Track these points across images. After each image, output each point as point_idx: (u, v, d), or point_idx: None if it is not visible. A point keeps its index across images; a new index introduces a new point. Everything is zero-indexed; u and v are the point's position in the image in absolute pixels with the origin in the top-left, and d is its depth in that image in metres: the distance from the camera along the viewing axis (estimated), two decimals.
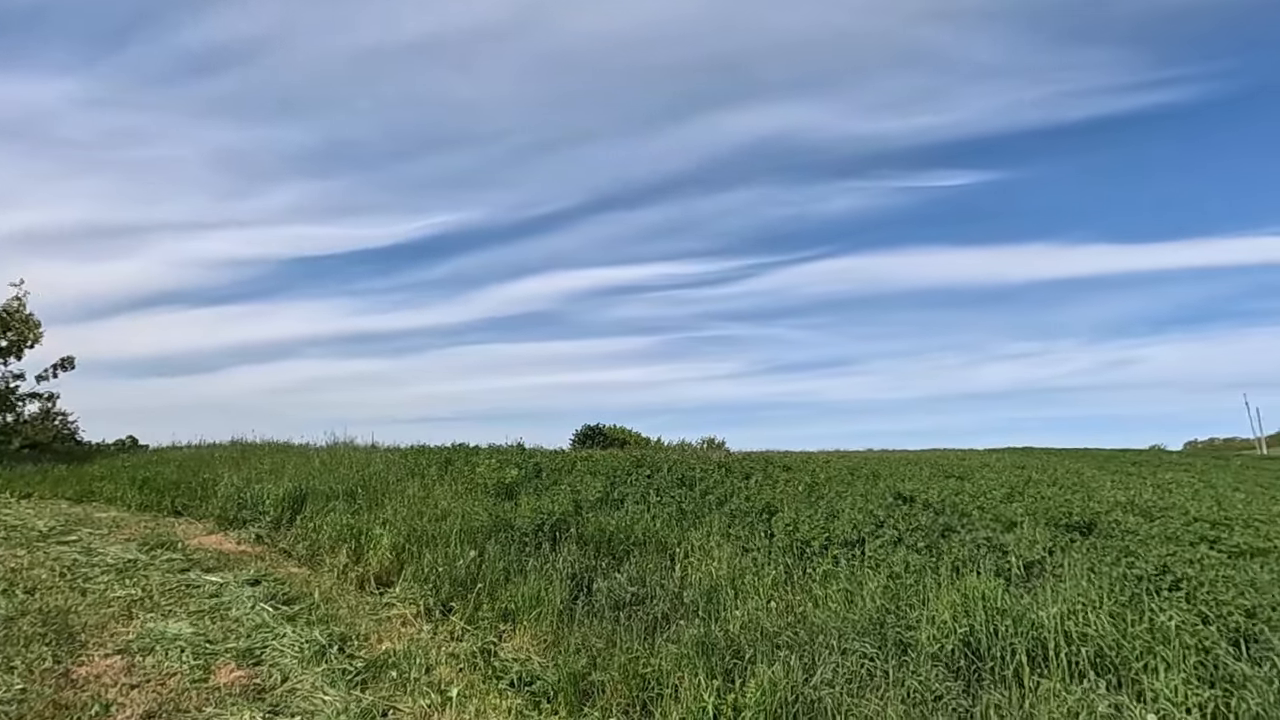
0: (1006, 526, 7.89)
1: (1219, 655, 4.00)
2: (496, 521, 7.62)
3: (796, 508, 7.98)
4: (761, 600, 5.65)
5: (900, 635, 4.65)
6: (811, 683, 4.39)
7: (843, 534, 6.79)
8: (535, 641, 5.67)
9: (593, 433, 30.88)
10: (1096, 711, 3.74)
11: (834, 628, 4.88)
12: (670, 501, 8.34)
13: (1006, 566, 5.93)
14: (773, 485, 9.73)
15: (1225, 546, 7.64)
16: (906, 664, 4.34)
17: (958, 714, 3.96)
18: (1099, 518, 8.83)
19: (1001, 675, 4.29)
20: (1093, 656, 4.25)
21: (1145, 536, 7.82)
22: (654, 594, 6.05)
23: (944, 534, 6.95)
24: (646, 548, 7.01)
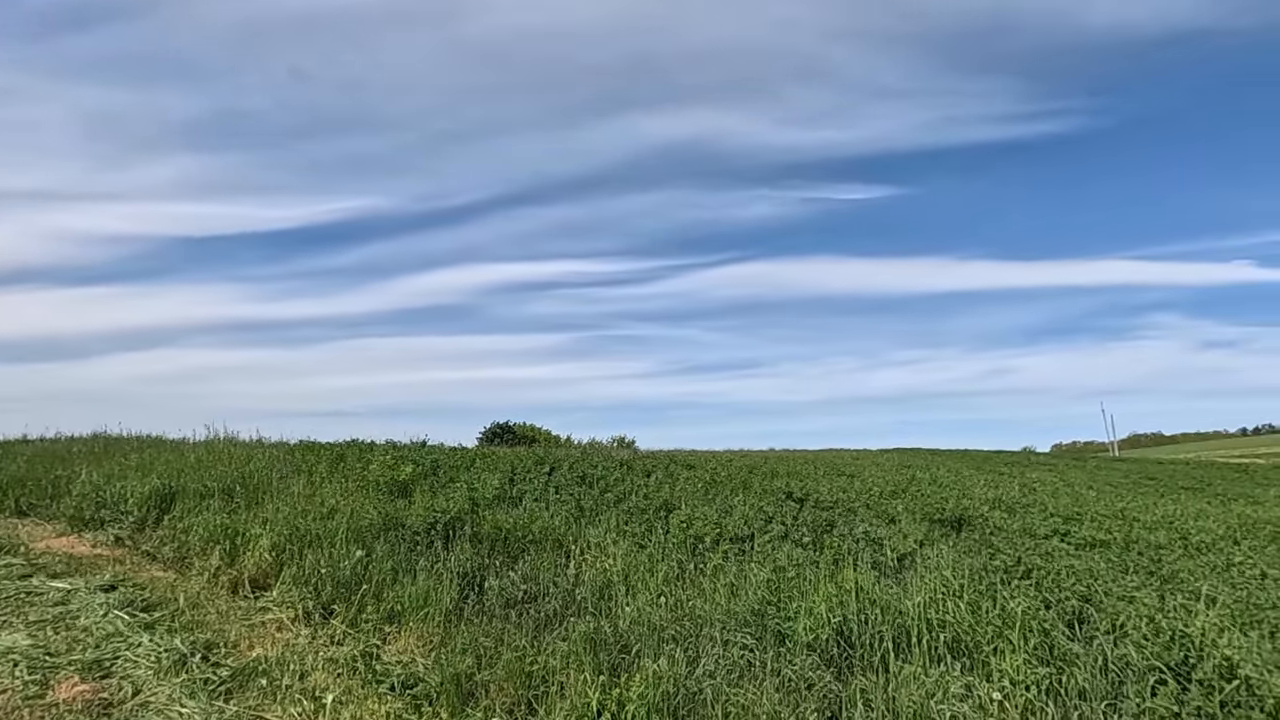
0: (887, 521, 8.39)
1: (1056, 637, 4.41)
2: (387, 520, 7.35)
3: (693, 505, 8.15)
4: (652, 596, 5.73)
5: (779, 626, 4.84)
6: (695, 675, 4.51)
7: (734, 530, 7.00)
8: (421, 643, 5.51)
9: (501, 430, 30.37)
10: (950, 692, 4.03)
11: (718, 620, 5.02)
12: (570, 499, 8.32)
13: (882, 559, 6.30)
14: (672, 483, 9.90)
15: (1074, 539, 8.45)
16: (783, 654, 4.53)
17: (827, 700, 4.16)
18: (969, 513, 9.55)
19: (870, 662, 4.55)
20: (950, 641, 4.58)
21: (1007, 531, 8.52)
22: (547, 591, 6.02)
23: (827, 529, 7.30)
24: (543, 545, 6.96)
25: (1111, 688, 3.92)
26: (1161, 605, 4.82)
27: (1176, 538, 9.10)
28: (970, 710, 3.90)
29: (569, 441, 30.22)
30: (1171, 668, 3.97)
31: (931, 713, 3.84)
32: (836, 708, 4.13)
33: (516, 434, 29.85)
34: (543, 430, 32.87)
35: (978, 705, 3.93)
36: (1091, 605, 4.91)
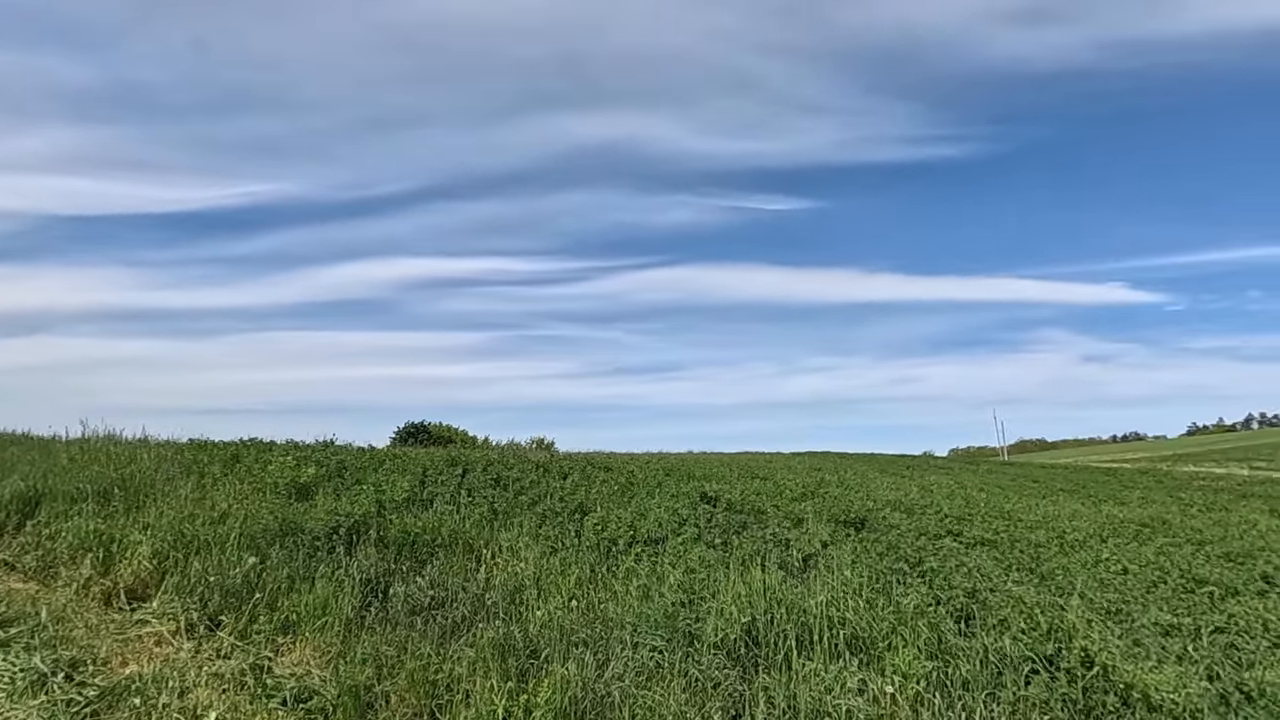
0: (795, 523, 8.67)
1: (944, 631, 4.68)
2: (285, 524, 6.96)
3: (608, 507, 8.16)
4: (564, 599, 5.69)
5: (689, 627, 4.91)
6: (604, 678, 4.51)
7: (648, 532, 7.05)
8: (318, 654, 5.25)
9: (416, 430, 29.43)
10: (846, 686, 4.20)
11: (629, 623, 5.04)
12: (483, 502, 8.14)
13: (789, 560, 6.51)
14: (589, 485, 9.87)
15: (964, 539, 9.00)
16: (691, 654, 4.59)
17: (732, 698, 4.25)
18: (871, 514, 10.01)
19: (775, 660, 4.68)
20: (849, 638, 4.78)
21: (905, 530, 8.98)
22: (455, 597, 5.87)
23: (739, 530, 7.47)
24: (453, 549, 6.78)
25: (992, 678, 4.20)
26: (1038, 600, 5.21)
27: (1054, 536, 9.85)
28: (864, 704, 4.08)
29: (487, 443, 29.57)
30: (1044, 659, 4.29)
31: (828, 707, 3.99)
32: (741, 706, 4.22)
33: (432, 434, 28.98)
34: (460, 431, 32.04)
35: (871, 699, 4.12)
36: (977, 601, 5.24)
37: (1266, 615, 5.57)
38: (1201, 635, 5.13)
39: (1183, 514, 17.45)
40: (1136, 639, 4.98)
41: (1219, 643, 5.04)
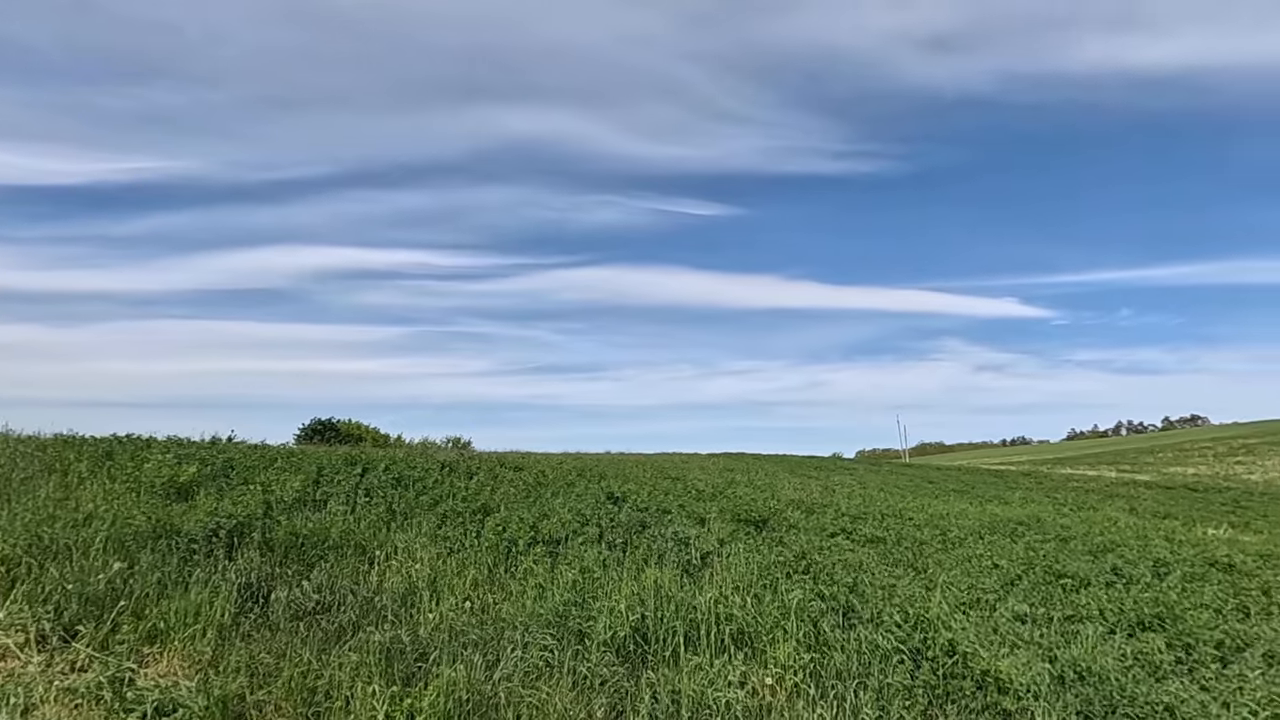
0: (699, 522, 8.87)
1: (823, 625, 4.92)
2: (159, 527, 6.52)
3: (512, 508, 8.09)
4: (459, 600, 5.61)
5: (580, 626, 4.94)
6: (493, 679, 4.48)
7: (549, 532, 7.04)
8: (188, 664, 4.95)
9: (323, 427, 28.17)
10: (728, 679, 4.35)
11: (521, 623, 5.02)
12: (381, 502, 7.89)
13: (687, 558, 6.65)
14: (495, 485, 9.74)
15: (856, 536, 9.45)
16: (581, 653, 4.63)
17: (618, 694, 4.32)
18: (773, 514, 10.36)
19: (663, 655, 4.79)
20: (735, 633, 4.95)
21: (802, 529, 9.35)
22: (343, 601, 5.67)
23: (640, 530, 7.57)
24: (344, 551, 6.54)
25: (863, 668, 4.45)
26: (910, 595, 5.56)
27: (938, 534, 10.50)
28: (744, 696, 4.23)
29: (399, 441, 28.62)
30: (911, 649, 4.58)
31: (709, 700, 4.11)
32: (627, 701, 4.29)
33: (341, 432, 27.79)
34: (371, 429, 30.88)
35: (751, 691, 4.28)
36: (856, 595, 5.53)
37: (1106, 604, 6.16)
38: (1052, 623, 5.61)
39: (1056, 512, 18.97)
40: (996, 627, 5.40)
41: (1066, 629, 5.54)
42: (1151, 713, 3.81)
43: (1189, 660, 4.96)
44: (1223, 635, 5.46)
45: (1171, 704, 3.85)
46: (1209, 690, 4.26)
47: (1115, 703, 3.92)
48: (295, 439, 26.22)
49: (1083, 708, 3.90)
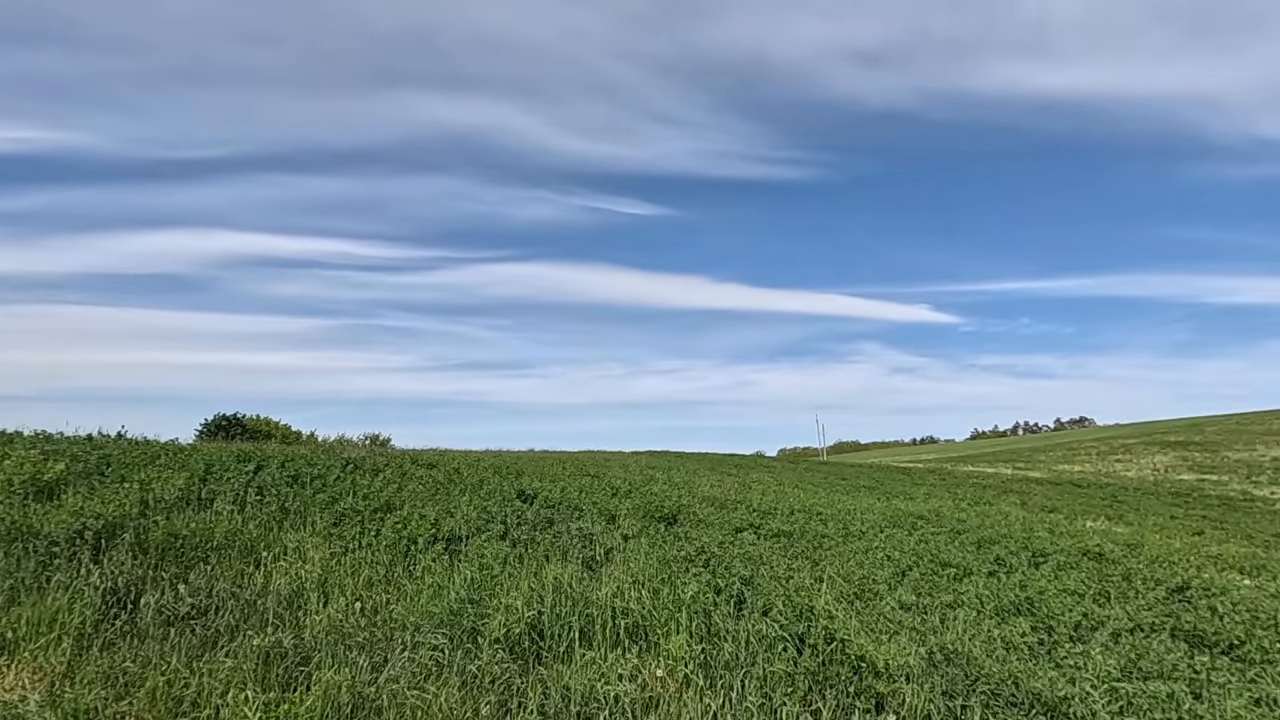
0: (609, 519, 8.90)
1: (715, 616, 5.02)
2: (15, 528, 5.99)
3: (416, 505, 7.87)
4: (349, 601, 5.41)
5: (474, 624, 4.86)
6: (379, 681, 4.35)
7: (452, 530, 6.90)
8: (39, 676, 4.56)
9: (228, 423, 26.63)
10: (621, 673, 4.38)
11: (413, 622, 4.90)
12: (274, 500, 7.51)
13: (591, 554, 6.66)
14: (401, 483, 9.46)
15: (763, 531, 9.71)
16: (472, 651, 4.55)
17: (509, 691, 4.27)
18: (685, 510, 10.51)
19: (558, 651, 4.77)
20: (631, 626, 4.99)
21: (711, 524, 9.53)
22: (223, 605, 5.37)
23: (546, 526, 7.53)
24: (228, 553, 6.19)
25: (750, 657, 4.57)
26: (799, 585, 5.76)
27: (841, 528, 10.93)
28: (634, 688, 4.27)
29: (311, 439, 27.36)
30: (796, 637, 4.75)
31: (599, 694, 4.13)
32: (517, 698, 4.25)
33: (247, 429, 26.31)
34: (281, 425, 29.40)
35: (641, 684, 4.32)
36: (751, 587, 5.69)
37: (984, 592, 6.58)
38: (934, 610, 5.94)
39: (955, 507, 20.10)
40: (882, 615, 5.67)
41: (946, 615, 5.87)
42: (1004, 687, 4.10)
43: (1049, 640, 5.35)
44: (1080, 617, 5.93)
45: (1019, 678, 4.15)
46: (1061, 666, 4.61)
47: (975, 680, 4.19)
48: (196, 436, 24.70)
49: (947, 686, 4.15)
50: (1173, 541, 15.22)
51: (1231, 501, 33.77)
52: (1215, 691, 4.39)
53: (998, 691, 4.10)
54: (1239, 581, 9.23)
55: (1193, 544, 15.33)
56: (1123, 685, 4.34)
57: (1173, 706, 4.06)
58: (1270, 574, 10.74)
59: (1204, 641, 5.62)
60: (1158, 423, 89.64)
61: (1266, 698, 4.18)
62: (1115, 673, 4.54)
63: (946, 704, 4.06)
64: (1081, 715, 3.97)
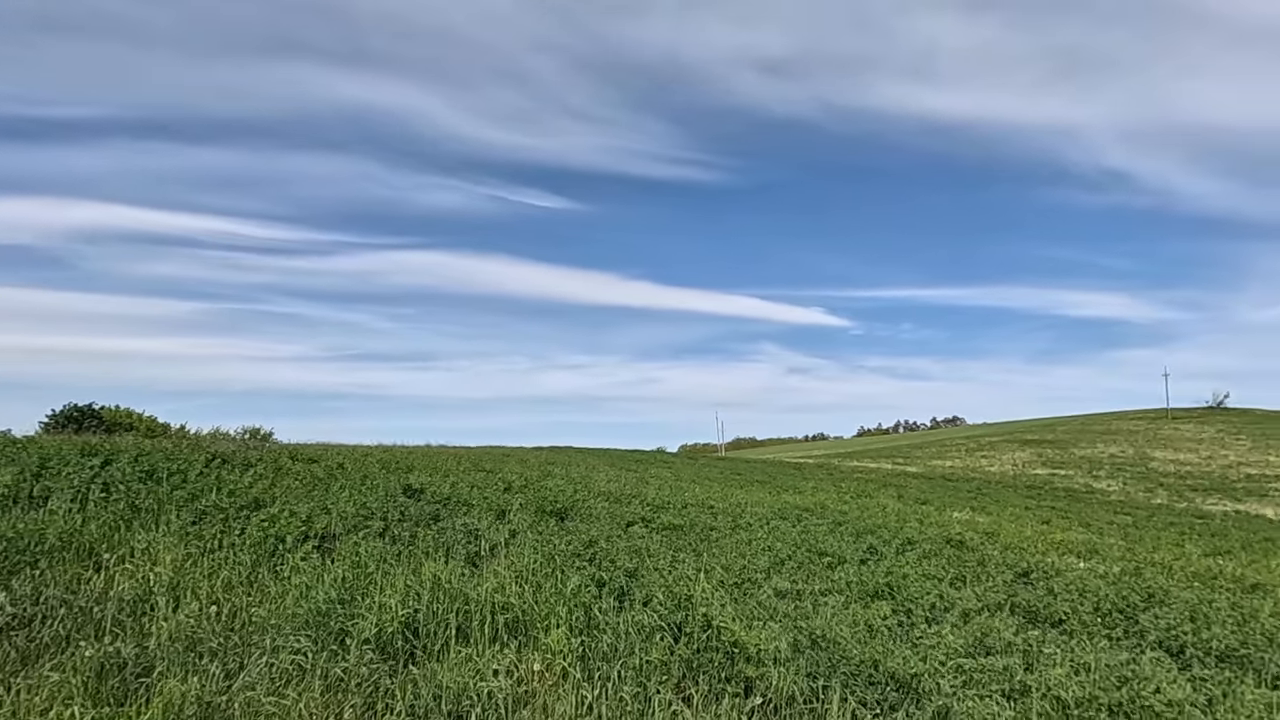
0: (499, 514, 8.74)
1: (595, 609, 5.04)
2: None
3: (289, 502, 7.41)
4: (204, 605, 5.01)
5: (344, 625, 4.64)
6: (232, 689, 4.06)
7: (327, 527, 6.55)
8: None
9: (81, 415, 23.97)
10: (497, 669, 4.31)
11: (274, 625, 4.61)
12: (122, 498, 6.85)
13: (476, 550, 6.52)
14: (275, 479, 8.88)
15: (654, 524, 9.85)
16: (339, 653, 4.34)
17: (377, 692, 4.10)
18: (578, 504, 10.49)
19: (433, 650, 4.63)
20: (511, 621, 4.92)
21: (603, 518, 9.57)
22: (52, 613, 4.84)
23: (431, 522, 7.30)
24: (63, 556, 5.59)
25: (629, 647, 4.62)
26: (685, 576, 5.89)
27: (730, 521, 11.28)
28: (510, 684, 4.21)
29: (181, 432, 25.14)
30: (674, 626, 4.85)
31: (472, 690, 4.04)
32: (384, 699, 4.09)
33: (104, 420, 23.80)
34: (144, 417, 26.81)
35: (518, 679, 4.27)
36: (635, 579, 5.76)
37: (853, 579, 6.98)
38: (805, 597, 6.24)
39: (839, 500, 21.21)
40: (760, 602, 5.89)
41: (818, 602, 6.18)
42: (863, 668, 4.37)
43: (908, 622, 5.75)
44: (936, 599, 6.42)
45: (878, 659, 4.44)
46: (916, 646, 4.97)
47: (838, 662, 4.44)
48: (41, 428, 22.16)
49: (812, 669, 4.37)
50: (1024, 530, 16.76)
51: (1076, 493, 37.67)
52: (1044, 662, 4.86)
53: (857, 672, 4.36)
54: (1075, 564, 10.28)
55: (1041, 532, 16.93)
56: (967, 661, 4.72)
57: (1007, 677, 4.46)
58: (1101, 557, 12.04)
59: (1038, 618, 6.23)
60: (1019, 422, 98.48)
61: (1082, 664, 4.68)
62: (962, 650, 4.94)
63: (810, 685, 4.27)
64: (930, 690, 4.29)
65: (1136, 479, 42.41)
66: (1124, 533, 20.77)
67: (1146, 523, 25.26)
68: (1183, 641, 5.57)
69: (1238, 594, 8.21)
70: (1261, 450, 51.50)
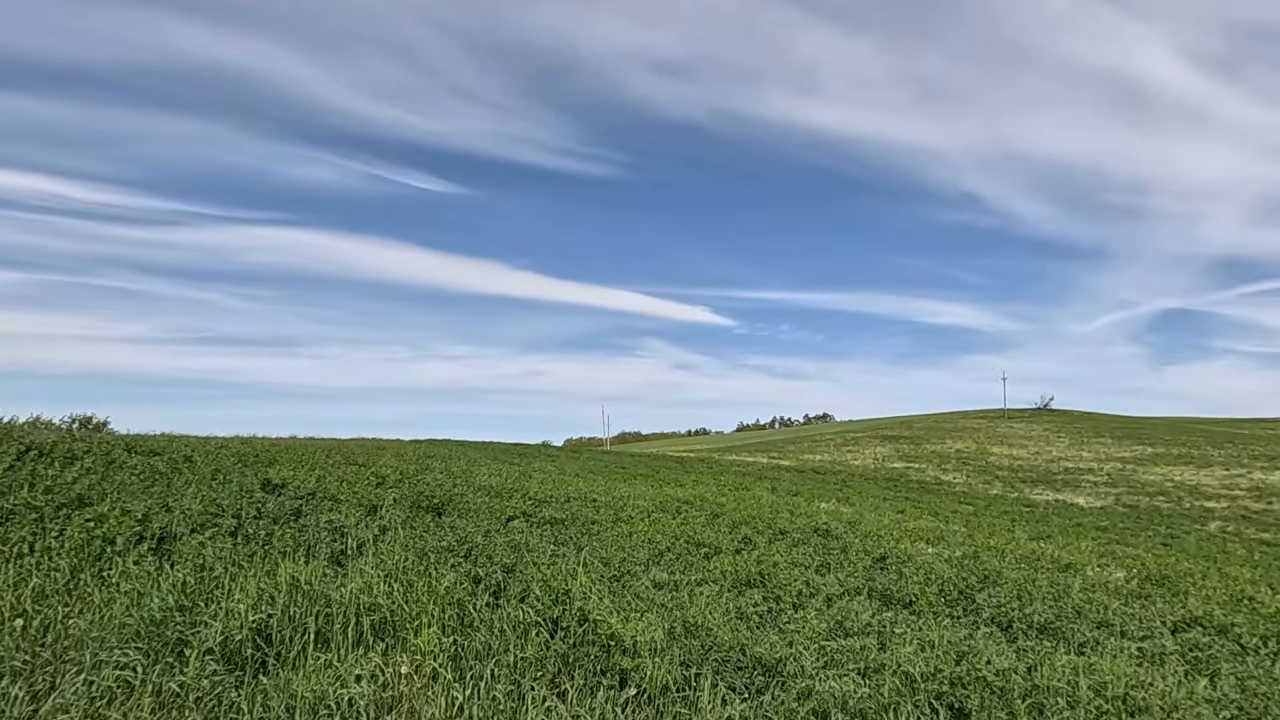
0: (369, 510, 8.27)
1: (470, 606, 4.89)
2: None
3: (121, 499, 6.61)
4: (8, 619, 4.37)
5: (183, 634, 4.20)
6: (40, 712, 3.56)
7: (166, 527, 5.90)
8: None
9: None
10: (360, 674, 4.06)
11: (97, 638, 4.09)
12: None
13: (341, 548, 6.12)
14: (105, 473, 7.90)
15: (535, 519, 9.71)
16: (176, 666, 3.92)
17: (220, 706, 3.75)
18: (456, 499, 10.15)
19: (288, 657, 4.29)
20: (378, 623, 4.66)
21: (482, 512, 9.31)
22: None
23: (292, 519, 6.78)
24: None
25: (504, 645, 4.51)
26: (563, 570, 5.84)
27: (612, 514, 11.33)
28: (375, 689, 3.98)
29: None
30: (551, 621, 4.79)
31: (331, 698, 3.79)
32: (229, 713, 3.74)
33: None
34: None
35: (383, 684, 4.05)
36: (512, 575, 5.63)
37: (728, 568, 7.22)
38: (682, 588, 6.37)
39: (718, 492, 21.94)
40: (638, 594, 5.94)
41: (695, 591, 6.33)
42: (733, 654, 4.52)
43: (777, 608, 6.02)
44: (803, 586, 6.77)
45: (747, 644, 4.61)
46: (783, 631, 5.21)
47: (710, 650, 4.56)
48: None
49: (685, 657, 4.47)
50: (882, 519, 18.10)
51: (926, 485, 41.25)
52: (895, 641, 5.25)
53: (728, 658, 4.50)
54: (924, 550, 11.22)
55: (896, 520, 18.36)
56: (829, 643, 5.01)
57: (863, 657, 4.77)
58: (946, 543, 13.23)
59: (892, 600, 6.73)
60: (880, 420, 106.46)
61: (928, 641, 5.10)
62: (824, 633, 5.23)
63: (683, 673, 4.35)
64: (794, 672, 4.50)
65: (977, 472, 47.08)
66: (966, 520, 22.96)
67: (984, 511, 28.13)
68: (1010, 617, 6.21)
69: (1055, 573, 9.30)
70: (1077, 447, 58.84)
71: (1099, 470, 46.82)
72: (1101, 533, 23.88)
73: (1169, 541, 23.61)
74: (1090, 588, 8.11)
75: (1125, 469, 47.11)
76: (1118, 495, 38.01)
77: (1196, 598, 8.32)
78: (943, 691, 4.17)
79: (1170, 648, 5.67)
